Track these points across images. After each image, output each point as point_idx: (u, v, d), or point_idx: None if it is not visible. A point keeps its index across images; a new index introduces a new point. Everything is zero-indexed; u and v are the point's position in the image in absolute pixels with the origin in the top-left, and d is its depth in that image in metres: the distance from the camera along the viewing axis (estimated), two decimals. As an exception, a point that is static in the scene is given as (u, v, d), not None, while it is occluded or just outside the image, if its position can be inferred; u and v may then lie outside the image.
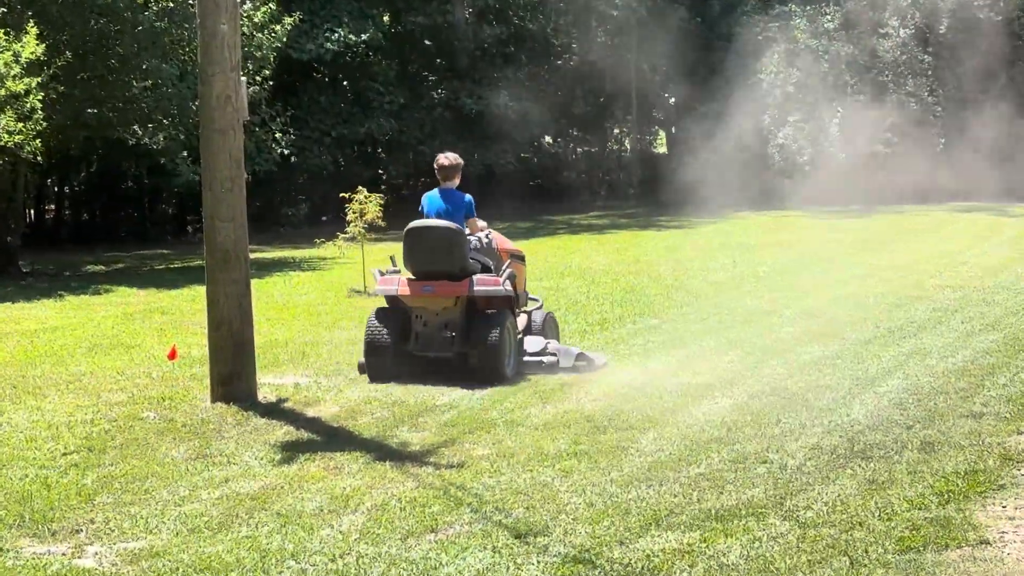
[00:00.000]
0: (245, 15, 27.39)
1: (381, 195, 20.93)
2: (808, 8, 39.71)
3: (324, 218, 37.29)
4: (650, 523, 7.54)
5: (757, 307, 16.91)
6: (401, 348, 12.62)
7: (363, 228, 20.04)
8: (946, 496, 7.84)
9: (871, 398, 10.74)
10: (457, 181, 13.37)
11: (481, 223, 13.38)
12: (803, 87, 38.27)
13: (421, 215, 13.26)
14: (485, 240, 13.38)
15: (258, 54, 28.09)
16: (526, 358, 12.98)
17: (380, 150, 41.38)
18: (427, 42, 42.34)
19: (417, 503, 8.10)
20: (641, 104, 44.55)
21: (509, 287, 12.72)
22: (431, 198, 13.32)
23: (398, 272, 12.95)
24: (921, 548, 6.92)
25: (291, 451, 9.55)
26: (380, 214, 20.12)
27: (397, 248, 12.78)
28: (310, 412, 11.00)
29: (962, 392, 10.86)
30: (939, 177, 37.07)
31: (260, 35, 28.16)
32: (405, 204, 41.56)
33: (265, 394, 11.68)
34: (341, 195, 21.30)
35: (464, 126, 40.58)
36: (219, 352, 11.39)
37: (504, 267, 13.00)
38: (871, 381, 11.51)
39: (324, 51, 35.68)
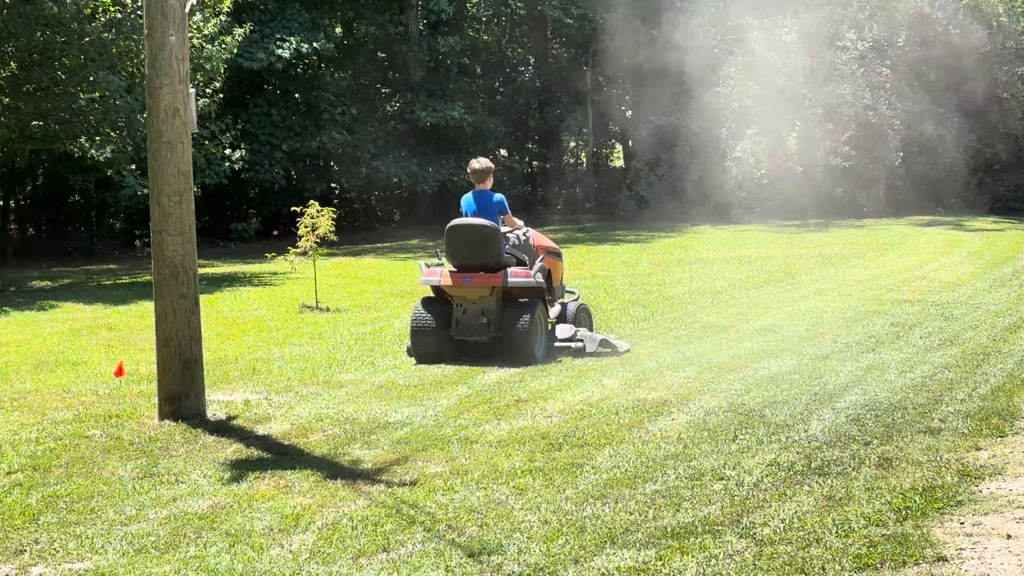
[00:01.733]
0: (194, 26, 27.21)
1: (334, 209, 20.78)
2: (765, 20, 39.79)
3: (275, 232, 37.15)
4: (605, 541, 7.44)
5: (714, 322, 16.84)
6: (443, 333, 14.30)
7: (315, 243, 19.89)
8: (903, 513, 7.76)
9: (829, 414, 10.66)
10: (489, 183, 14.86)
11: (518, 221, 15.03)
12: (761, 100, 38.33)
13: (461, 215, 14.88)
14: (523, 237, 14.99)
15: (208, 66, 27.91)
16: (556, 343, 14.56)
17: (332, 163, 41.23)
18: (380, 54, 42.23)
19: (369, 522, 7.98)
20: (597, 117, 44.55)
21: (540, 279, 14.31)
22: (466, 199, 14.96)
23: (441, 265, 14.69)
24: (878, 565, 6.84)
25: (240, 469, 9.40)
26: (332, 228, 19.98)
27: (350, 262, 12.69)
28: (260, 430, 10.84)
29: (920, 408, 10.80)
30: (898, 191, 37.19)
31: (210, 47, 27.98)
32: (358, 218, 41.64)
33: (214, 411, 11.52)
34: (292, 209, 21.15)
35: (418, 139, 40.48)
36: (167, 369, 11.23)
37: (537, 261, 14.51)
38: (829, 397, 11.44)
39: (275, 59, 35.49)
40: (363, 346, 15.73)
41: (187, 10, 11.33)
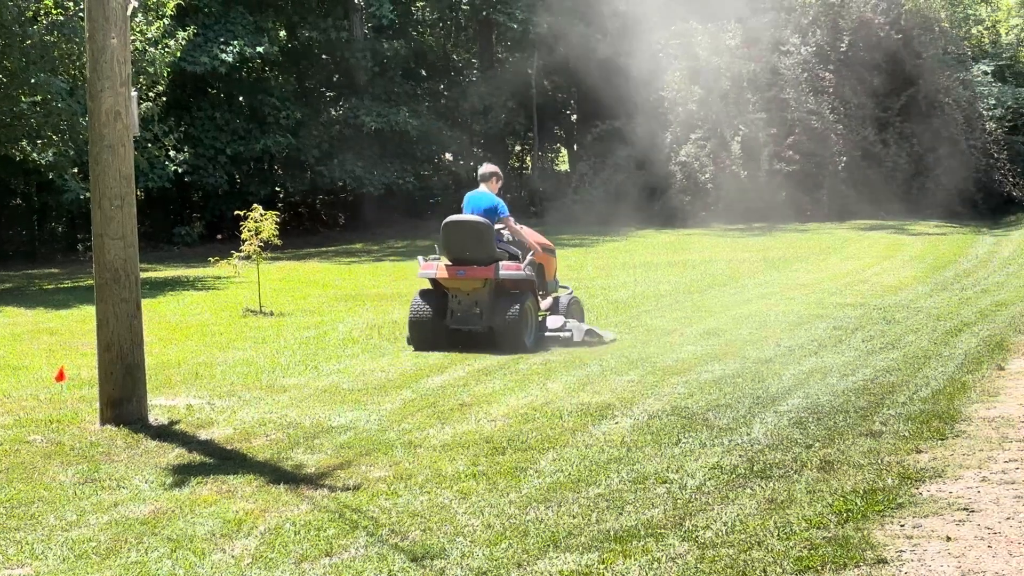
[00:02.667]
0: (137, 29, 27.04)
1: (277, 213, 20.70)
2: (710, 25, 39.92)
3: (219, 236, 36.96)
4: (548, 545, 7.44)
5: (658, 326, 16.87)
6: (439, 322, 15.40)
7: (259, 247, 19.81)
8: (845, 515, 7.80)
9: (771, 417, 10.70)
10: (494, 185, 16.05)
11: (515, 226, 15.98)
12: (705, 104, 38.46)
13: (461, 211, 16.01)
14: (518, 231, 16.01)
15: (151, 69, 27.74)
16: (547, 333, 15.67)
17: (277, 167, 41.08)
18: (324, 57, 42.12)
19: (312, 526, 7.95)
20: (542, 121, 44.58)
21: (530, 272, 15.46)
22: (469, 197, 16.11)
23: (438, 259, 15.57)
24: (819, 568, 6.87)
25: (183, 474, 9.35)
26: (276, 232, 19.91)
27: (294, 266, 12.67)
28: (203, 434, 10.79)
29: (862, 411, 10.85)
30: (841, 196, 37.38)
31: (153, 50, 27.82)
32: (302, 222, 41.51)
33: (156, 416, 11.45)
34: (236, 213, 21.07)
35: (363, 143, 40.39)
36: (109, 373, 11.16)
37: (527, 256, 15.62)
38: (772, 400, 11.49)
39: (219, 63, 35.32)
40: (307, 350, 15.68)
41: (129, 13, 11.26)
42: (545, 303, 16.20)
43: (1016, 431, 10.03)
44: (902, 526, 7.63)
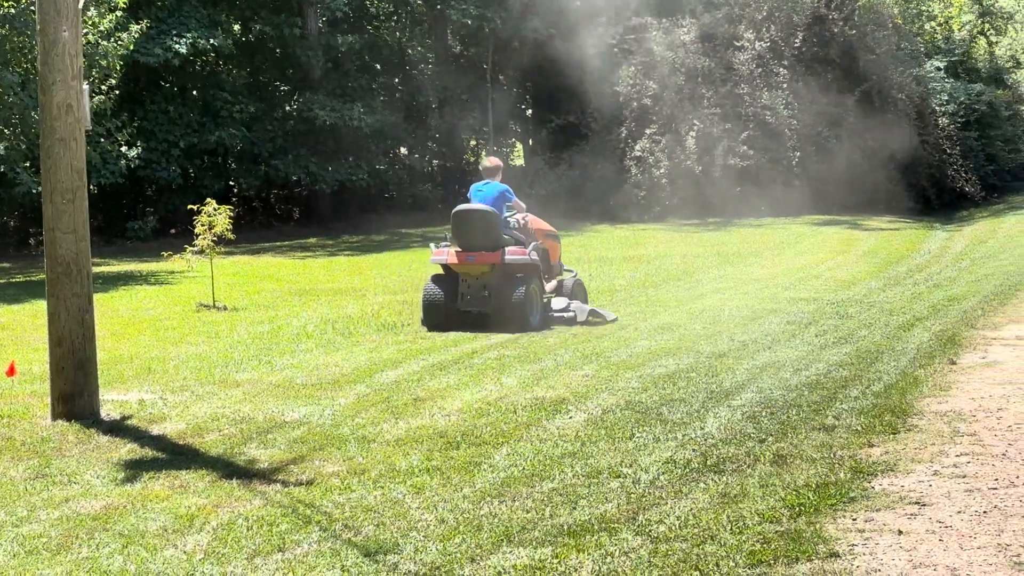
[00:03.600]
0: (89, 22, 26.86)
1: (231, 207, 20.63)
2: (664, 21, 39.98)
3: (173, 231, 36.77)
4: (502, 539, 7.43)
5: (613, 321, 16.90)
6: (451, 304, 16.52)
7: (212, 241, 19.74)
8: (797, 509, 7.82)
9: (725, 411, 10.73)
10: (498, 178, 17.11)
11: (522, 204, 17.27)
12: (659, 100, 38.52)
13: (467, 201, 17.00)
14: (522, 221, 17.12)
15: (103, 62, 27.57)
16: (552, 313, 16.90)
17: (231, 162, 40.90)
18: (278, 51, 41.97)
19: (264, 522, 7.92)
20: (497, 116, 44.56)
21: (535, 257, 16.57)
22: (475, 188, 17.16)
23: (448, 246, 16.60)
24: (772, 562, 6.89)
25: (135, 469, 9.30)
26: (230, 227, 19.84)
27: (248, 261, 12.62)
28: (155, 429, 10.73)
29: (815, 405, 10.89)
30: (794, 190, 37.50)
31: (106, 43, 27.64)
32: (256, 216, 41.35)
33: (108, 411, 11.39)
34: (190, 207, 20.98)
35: (317, 138, 40.27)
36: (60, 368, 11.09)
37: (532, 242, 16.72)
38: (725, 394, 11.51)
39: (172, 55, 35.12)
40: (260, 345, 15.63)
41: (81, 6, 11.19)
42: (550, 285, 17.31)
43: (967, 425, 10.08)
44: (854, 520, 7.65)
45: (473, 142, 47.03)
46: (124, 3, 28.90)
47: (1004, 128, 43.88)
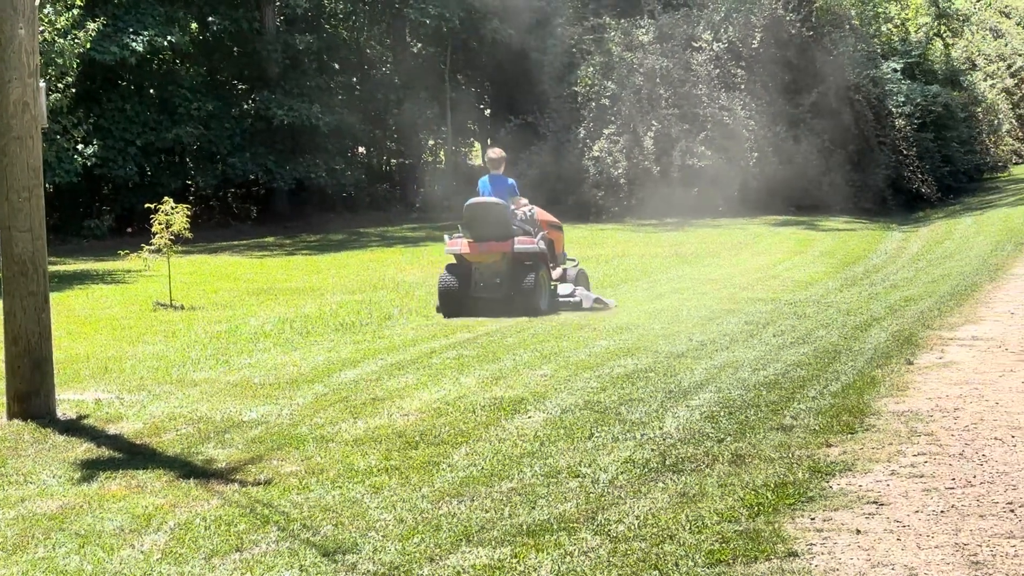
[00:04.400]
0: (46, 20, 26.70)
1: (188, 206, 20.55)
2: (623, 21, 40.02)
3: (130, 230, 36.60)
4: (461, 539, 7.42)
5: (571, 320, 16.91)
6: (464, 291, 17.67)
7: (169, 240, 19.67)
8: (756, 509, 7.84)
9: (683, 411, 10.75)
10: (502, 169, 18.53)
11: (523, 200, 18.47)
12: (618, 100, 38.55)
13: (477, 194, 18.38)
14: (528, 213, 18.27)
15: (60, 60, 27.41)
16: (559, 299, 18.13)
17: (188, 160, 40.72)
18: (236, 49, 41.81)
19: (222, 521, 7.89)
20: (456, 115, 44.54)
21: (542, 246, 17.76)
22: (483, 182, 18.56)
23: (462, 236, 17.81)
24: (731, 561, 6.90)
25: (91, 469, 9.25)
26: (187, 225, 19.77)
27: (205, 260, 12.56)
28: (112, 429, 10.68)
29: (773, 405, 10.92)
30: (752, 191, 37.58)
31: (62, 41, 27.49)
32: (213, 215, 41.20)
33: (65, 411, 11.33)
34: (147, 206, 20.89)
35: (275, 137, 40.15)
36: (16, 367, 11.04)
37: (539, 233, 17.94)
38: (684, 394, 11.53)
39: (129, 52, 34.94)
40: (218, 344, 15.58)
41: (37, 3, 11.14)
42: (556, 273, 18.53)
43: (924, 425, 10.13)
44: (812, 519, 7.68)
45: (431, 142, 46.95)
46: (81, 1, 28.76)
47: (960, 130, 44.10)
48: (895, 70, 42.37)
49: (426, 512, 7.99)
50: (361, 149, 45.93)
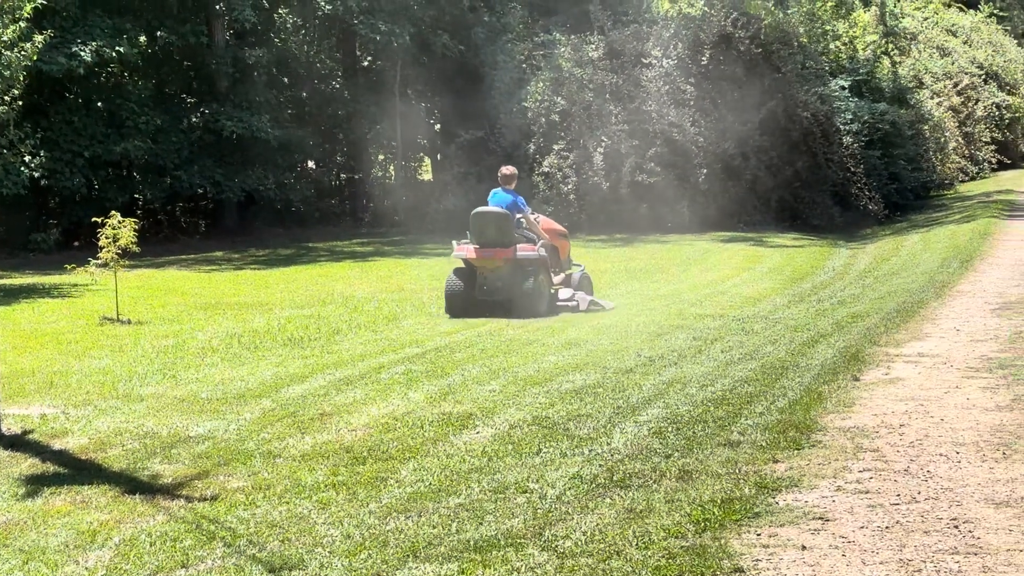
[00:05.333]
0: (-8, 33, 26.50)
1: (136, 220, 20.44)
2: (573, 37, 40.09)
3: (76, 243, 36.35)
4: (408, 555, 7.41)
5: (519, 336, 16.90)
6: (470, 294, 19.10)
7: (116, 254, 19.55)
8: (703, 524, 7.87)
9: (631, 427, 10.77)
10: (513, 184, 19.80)
11: (529, 213, 19.69)
12: (567, 115, 38.61)
13: (486, 204, 19.68)
14: (535, 221, 19.70)
15: (7, 73, 27.19)
16: (559, 303, 19.44)
17: (136, 173, 40.47)
18: (185, 63, 41.64)
19: (168, 537, 7.85)
20: (405, 130, 44.49)
21: (543, 252, 19.07)
22: (495, 194, 19.80)
23: (468, 243, 19.11)
24: (678, 577, 6.92)
25: (36, 485, 9.19)
26: (134, 239, 19.66)
27: (153, 274, 12.48)
28: (57, 444, 10.61)
29: (720, 421, 10.96)
30: (701, 207, 37.68)
31: (9, 54, 27.27)
32: (161, 229, 40.97)
33: (9, 425, 11.24)
34: (94, 220, 20.77)
35: (224, 150, 39.97)
36: (-40, 382, 10.95)
37: (540, 240, 19.24)
38: (632, 410, 11.55)
39: (77, 64, 34.71)
40: (165, 359, 15.49)
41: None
42: (558, 278, 19.76)
43: (870, 441, 10.18)
44: (758, 535, 7.71)
45: (381, 156, 46.89)
46: (28, 13, 28.56)
47: (907, 147, 44.35)
48: (843, 88, 42.64)
49: (373, 528, 7.98)
50: (311, 163, 45.81)
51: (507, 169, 20.19)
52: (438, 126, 47.43)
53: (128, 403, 12.46)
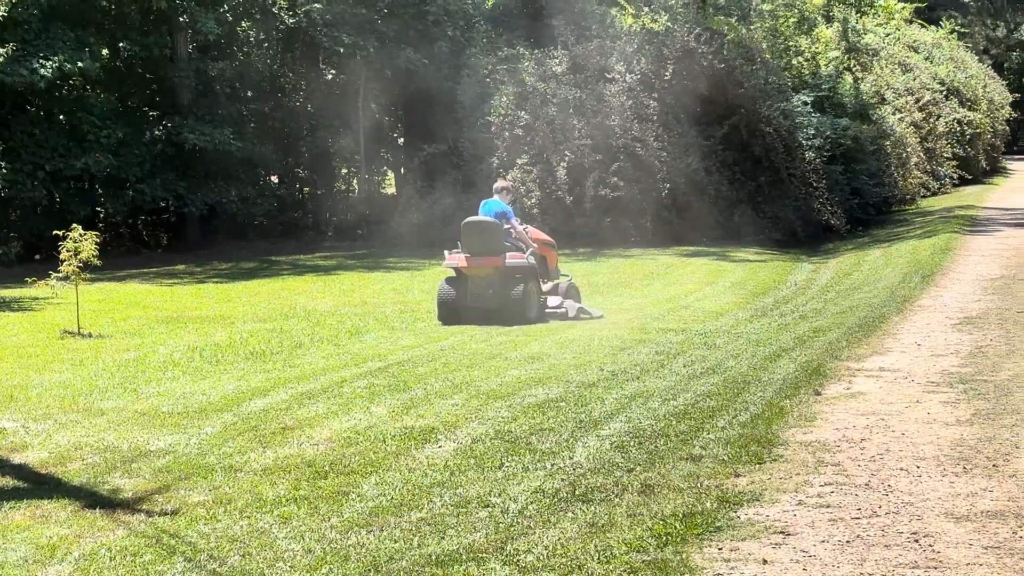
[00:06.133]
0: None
1: (97, 233, 20.36)
2: (536, 52, 40.15)
3: (37, 256, 36.17)
4: (369, 569, 7.40)
5: (482, 350, 16.89)
6: (461, 301, 19.69)
7: (78, 267, 19.47)
8: (664, 539, 7.87)
9: (594, 441, 10.77)
10: (503, 196, 20.35)
11: (519, 227, 20.21)
12: (531, 130, 38.64)
13: (476, 213, 20.29)
14: (523, 230, 20.28)
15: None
16: (548, 310, 20.25)
17: (98, 186, 40.29)
18: (148, 75, 41.51)
19: (128, 552, 7.82)
20: (369, 144, 44.44)
21: (532, 261, 19.78)
22: (485, 204, 20.37)
23: (459, 251, 19.63)
24: (641, 592, 6.92)
25: (-6, 499, 9.13)
26: (96, 253, 19.58)
27: (114, 288, 12.42)
28: (16, 458, 10.54)
29: (682, 435, 10.97)
30: (664, 222, 37.75)
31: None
32: (123, 242, 40.80)
33: (-32, 439, 11.18)
34: (55, 232, 20.68)
35: (187, 163, 39.85)
36: (-81, 395, 10.88)
37: (529, 249, 19.94)
38: (594, 424, 11.56)
39: (38, 78, 34.56)
40: (126, 373, 15.42)
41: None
42: (547, 286, 20.46)
43: (832, 455, 10.21)
44: (720, 549, 7.72)
45: (344, 170, 46.82)
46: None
47: (869, 162, 44.51)
48: (805, 103, 42.76)
49: (335, 542, 7.95)
50: (273, 177, 45.70)
51: (500, 182, 20.98)
52: (402, 140, 47.42)
53: (89, 417, 12.40)
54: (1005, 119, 69.00)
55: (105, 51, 37.74)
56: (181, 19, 39.91)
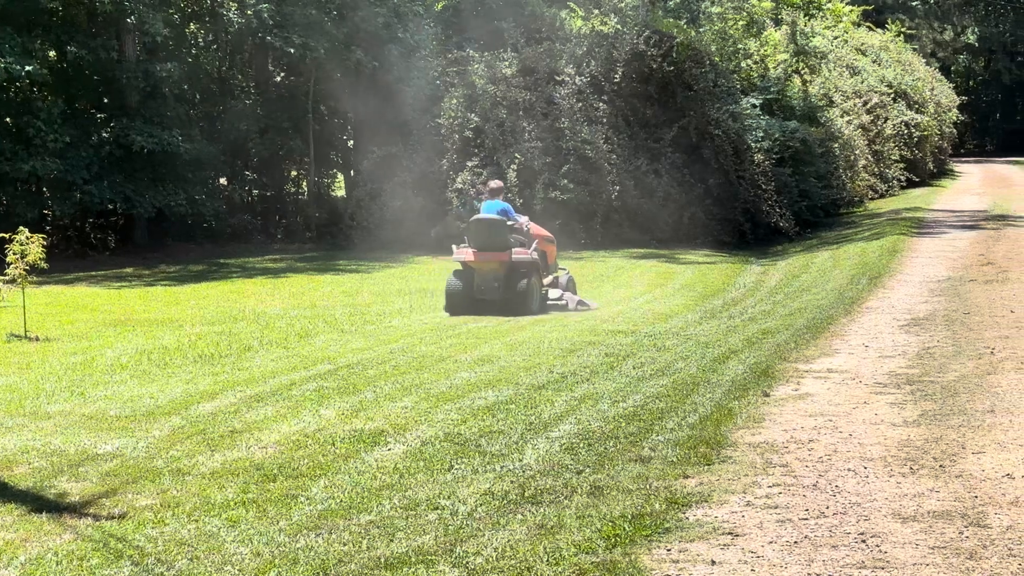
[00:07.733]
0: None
1: (44, 236, 20.25)
2: (486, 54, 40.17)
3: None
4: (318, 572, 7.39)
5: (432, 352, 16.88)
6: (468, 293, 21.10)
7: (24, 270, 19.35)
8: (613, 540, 7.89)
9: (543, 443, 10.78)
10: (501, 196, 21.90)
11: (520, 219, 21.69)
12: (481, 132, 38.65)
13: (478, 212, 21.70)
14: (525, 228, 21.63)
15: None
16: (548, 302, 21.73)
17: (45, 189, 40.03)
18: (95, 77, 41.29)
19: (75, 556, 7.77)
20: (319, 146, 44.34)
21: (535, 255, 21.15)
22: (487, 203, 21.63)
23: (467, 247, 21.02)
24: (590, 593, 6.93)
25: (-61, 504, 9.06)
26: (43, 256, 19.47)
27: (62, 291, 12.35)
28: (-38, 462, 10.46)
29: (632, 437, 10.99)
30: (614, 224, 37.82)
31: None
32: (71, 245, 40.56)
33: (-87, 444, 11.09)
34: (1, 235, 20.55)
35: (135, 165, 39.60)
36: None
37: (533, 244, 21.27)
38: (544, 426, 11.57)
39: (-15, 81, 34.37)
40: (73, 376, 15.33)
41: None
42: (547, 280, 21.93)
43: (780, 457, 10.26)
44: (669, 550, 7.74)
45: (294, 172, 46.70)
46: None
47: (817, 165, 44.70)
48: (754, 106, 42.95)
49: (283, 545, 7.93)
50: (222, 179, 45.52)
51: (494, 183, 22.43)
52: (351, 142, 47.32)
53: (35, 421, 12.32)
54: (952, 122, 69.40)
55: (52, 53, 37.48)
56: (129, 20, 39.67)
